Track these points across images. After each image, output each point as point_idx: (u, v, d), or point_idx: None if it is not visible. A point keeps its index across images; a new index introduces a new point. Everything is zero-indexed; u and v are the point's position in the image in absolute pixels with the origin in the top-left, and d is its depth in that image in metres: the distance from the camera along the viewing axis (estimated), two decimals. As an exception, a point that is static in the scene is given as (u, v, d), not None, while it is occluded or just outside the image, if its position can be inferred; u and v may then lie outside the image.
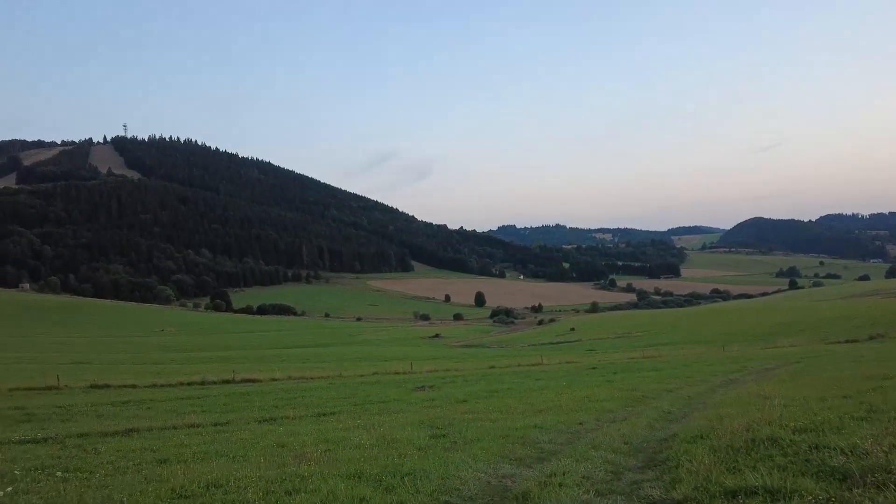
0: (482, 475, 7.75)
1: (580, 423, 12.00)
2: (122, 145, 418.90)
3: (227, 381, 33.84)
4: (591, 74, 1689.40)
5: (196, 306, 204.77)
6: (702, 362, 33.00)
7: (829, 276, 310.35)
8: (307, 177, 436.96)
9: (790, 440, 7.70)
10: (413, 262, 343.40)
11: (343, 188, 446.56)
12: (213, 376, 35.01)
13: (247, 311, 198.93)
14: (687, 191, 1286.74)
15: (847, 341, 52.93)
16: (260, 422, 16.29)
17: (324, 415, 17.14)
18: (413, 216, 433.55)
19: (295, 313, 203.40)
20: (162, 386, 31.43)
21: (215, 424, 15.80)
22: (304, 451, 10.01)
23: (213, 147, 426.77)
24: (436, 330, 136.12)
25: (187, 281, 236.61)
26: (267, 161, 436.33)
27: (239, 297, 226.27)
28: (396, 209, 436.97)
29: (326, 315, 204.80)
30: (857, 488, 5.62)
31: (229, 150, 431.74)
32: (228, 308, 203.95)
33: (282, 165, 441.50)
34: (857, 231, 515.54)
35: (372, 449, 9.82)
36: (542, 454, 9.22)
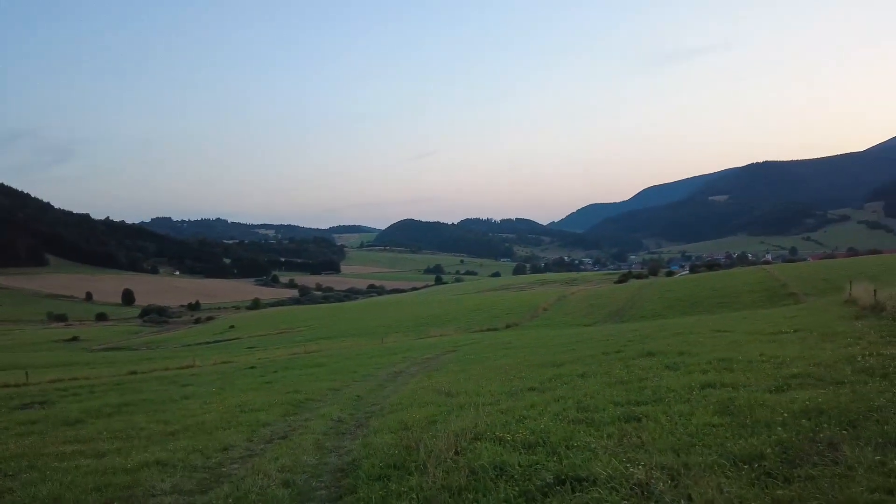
0: None
1: (225, 450, 8.78)
2: None
3: None
4: (254, 72, 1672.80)
5: None
6: (364, 355, 31.95)
7: (468, 272, 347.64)
8: None
9: (522, 466, 5.50)
10: (49, 256, 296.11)
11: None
12: None
13: None
14: (349, 192, 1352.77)
15: (488, 329, 57.71)
16: None
17: None
18: (49, 203, 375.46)
19: None
20: None
21: None
22: None
23: None
24: (74, 332, 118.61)
25: None
26: None
27: None
28: (28, 194, 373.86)
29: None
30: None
31: None
32: None
33: None
34: (490, 234, 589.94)
35: None
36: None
